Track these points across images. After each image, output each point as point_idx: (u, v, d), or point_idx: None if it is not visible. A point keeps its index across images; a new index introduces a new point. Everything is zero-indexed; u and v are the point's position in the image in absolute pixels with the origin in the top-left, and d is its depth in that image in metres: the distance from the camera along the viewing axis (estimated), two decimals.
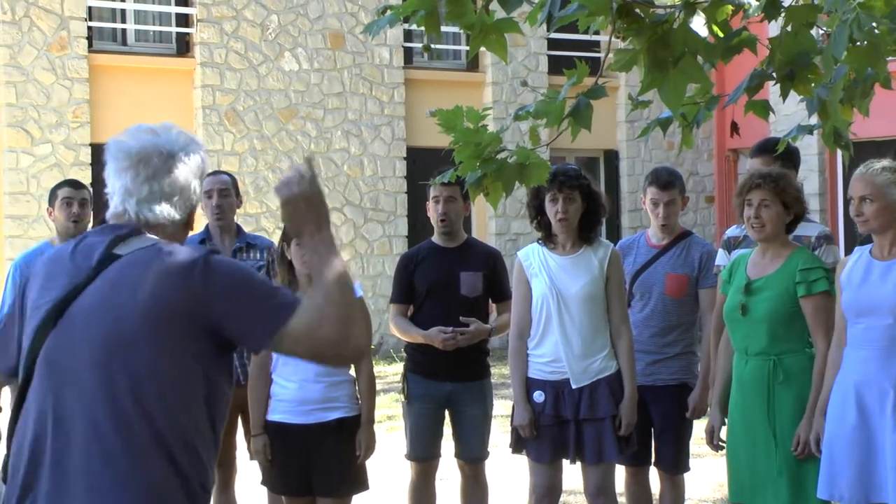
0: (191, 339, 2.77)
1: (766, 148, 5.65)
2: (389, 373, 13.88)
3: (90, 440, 2.74)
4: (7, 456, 2.92)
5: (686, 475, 6.14)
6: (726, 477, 5.32)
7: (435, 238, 6.17)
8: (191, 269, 2.78)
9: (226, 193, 6.27)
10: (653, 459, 6.00)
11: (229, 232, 6.30)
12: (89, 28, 14.75)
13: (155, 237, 2.90)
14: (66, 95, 14.41)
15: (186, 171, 2.96)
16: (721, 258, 5.79)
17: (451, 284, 6.01)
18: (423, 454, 6.09)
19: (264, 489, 5.56)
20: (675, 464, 5.95)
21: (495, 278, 6.11)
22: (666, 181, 5.98)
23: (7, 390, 3.52)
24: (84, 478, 2.74)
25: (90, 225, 6.31)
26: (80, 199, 6.26)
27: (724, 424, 5.36)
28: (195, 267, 2.78)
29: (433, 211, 6.08)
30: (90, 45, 14.73)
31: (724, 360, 5.35)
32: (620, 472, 6.00)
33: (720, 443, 5.41)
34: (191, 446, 2.80)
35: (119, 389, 2.74)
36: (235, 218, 6.47)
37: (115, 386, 2.74)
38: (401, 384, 6.20)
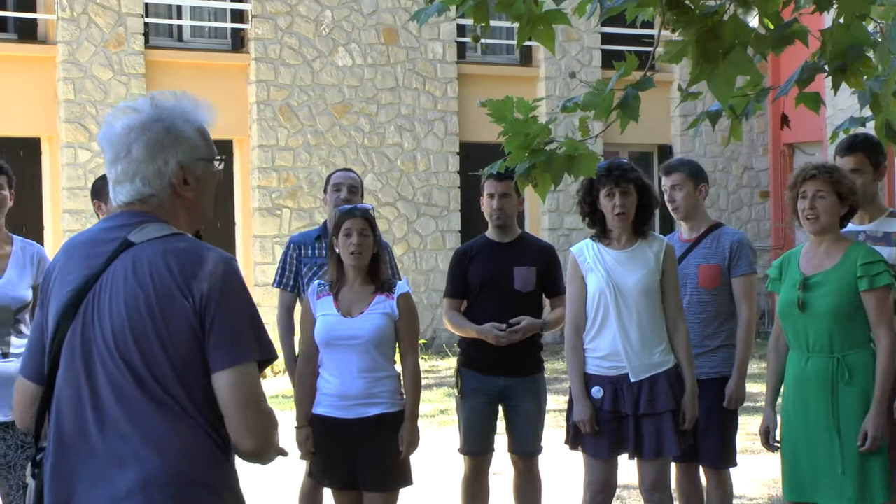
0: (189, 332, 2.81)
1: (852, 146, 5.53)
2: (442, 367, 13.91)
3: (125, 422, 2.79)
4: (37, 450, 2.96)
5: (735, 473, 6.11)
6: (781, 476, 5.27)
7: (489, 233, 6.18)
8: (198, 272, 2.83)
9: (355, 190, 6.30)
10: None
11: None
12: (146, 24, 14.89)
13: (168, 226, 2.93)
14: (123, 91, 14.57)
15: (145, 144, 2.93)
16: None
17: (504, 279, 6.02)
18: (477, 449, 6.10)
19: (301, 479, 5.60)
20: (722, 458, 5.90)
21: (549, 273, 6.10)
22: (668, 165, 5.99)
23: None
24: (123, 458, 2.78)
25: None
26: None
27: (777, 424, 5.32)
28: (204, 270, 2.83)
29: (487, 206, 6.09)
30: (147, 41, 14.88)
31: (776, 359, 5.31)
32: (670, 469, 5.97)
33: (775, 443, 5.35)
34: (213, 419, 2.85)
35: (143, 372, 2.79)
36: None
37: (139, 368, 2.79)
38: (454, 379, 6.22)
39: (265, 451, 2.87)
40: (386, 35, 16.06)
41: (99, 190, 6.39)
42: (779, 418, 5.29)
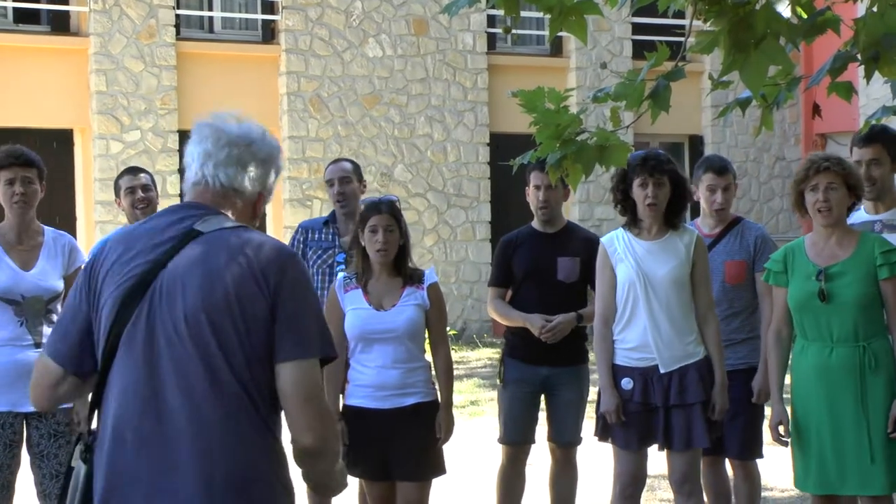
0: (263, 321, 2.84)
1: (871, 137, 5.54)
2: (472, 358, 13.91)
3: (187, 410, 2.80)
4: (89, 435, 2.96)
5: (763, 465, 6.08)
6: (793, 468, 5.24)
7: (535, 223, 6.18)
8: (272, 263, 2.87)
9: (347, 181, 6.31)
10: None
11: (353, 218, 6.32)
12: (177, 16, 14.96)
13: (231, 219, 2.97)
14: (154, 83, 14.64)
15: (265, 151, 3.05)
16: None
17: (548, 269, 6.02)
18: (516, 438, 6.09)
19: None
20: (748, 450, 5.87)
21: (593, 264, 6.09)
22: (721, 166, 5.97)
23: None
24: (182, 448, 2.79)
25: (158, 205, 6.40)
26: (141, 185, 6.34)
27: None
28: (276, 263, 2.87)
29: (533, 197, 6.09)
30: (178, 32, 14.94)
31: (779, 352, 5.30)
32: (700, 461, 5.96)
33: (786, 437, 5.35)
34: (275, 415, 2.89)
35: (217, 360, 2.80)
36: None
37: (213, 356, 2.81)
38: (498, 368, 6.24)
39: (322, 450, 2.90)
40: (416, 26, 16.06)
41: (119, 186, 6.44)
42: (788, 411, 5.28)
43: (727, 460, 5.99)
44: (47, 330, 5.30)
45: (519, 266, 6.08)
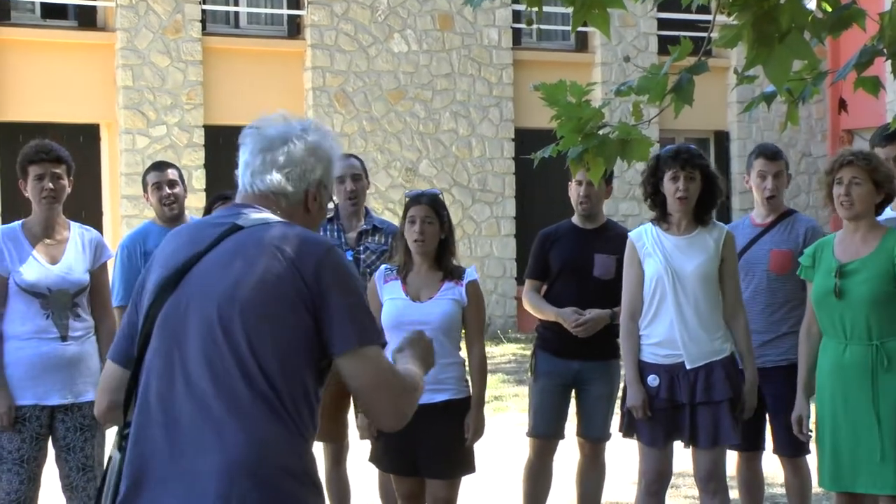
0: (298, 314, 2.84)
1: (892, 136, 5.53)
2: (496, 354, 13.91)
3: (214, 397, 2.80)
4: (126, 423, 2.97)
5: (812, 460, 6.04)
6: (818, 465, 5.23)
7: (574, 218, 6.19)
8: (311, 255, 2.87)
9: (358, 178, 6.30)
10: (770, 445, 5.91)
11: (358, 215, 6.33)
12: (203, 11, 15.00)
13: (276, 217, 2.98)
14: (180, 78, 14.69)
15: (302, 148, 3.04)
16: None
17: (584, 265, 6.02)
18: (545, 431, 6.08)
19: (374, 467, 5.61)
20: (795, 446, 5.83)
21: None
22: (772, 152, 5.94)
23: None
24: (207, 433, 2.80)
25: (185, 199, 6.42)
26: (167, 181, 6.37)
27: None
28: (315, 256, 2.87)
29: (574, 192, 6.10)
30: (204, 28, 14.99)
31: (809, 347, 5.27)
32: (732, 457, 5.94)
33: (808, 432, 5.33)
34: (302, 408, 2.87)
35: (244, 350, 2.81)
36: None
37: (241, 346, 2.81)
38: (530, 361, 6.23)
39: (403, 424, 2.97)
40: (441, 21, 16.06)
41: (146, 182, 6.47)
42: (812, 407, 5.25)
43: (777, 458, 5.96)
44: (74, 324, 5.35)
45: (556, 260, 6.08)
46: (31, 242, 5.37)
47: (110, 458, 3.00)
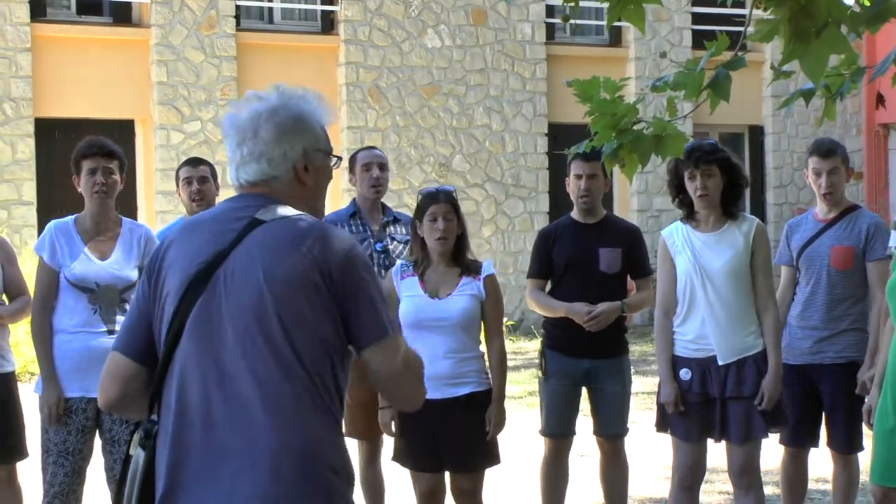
0: (327, 311, 2.86)
1: None
2: (530, 349, 13.89)
3: (253, 396, 2.81)
4: (149, 421, 2.98)
5: (863, 457, 6.00)
6: (871, 459, 5.17)
7: (574, 214, 6.16)
8: (335, 252, 2.89)
9: (384, 167, 6.40)
10: (825, 440, 5.87)
11: (378, 207, 6.38)
12: (237, 7, 15.05)
13: (295, 211, 2.99)
14: (214, 73, 14.74)
15: (273, 131, 3.02)
16: (893, 239, 5.65)
17: (589, 260, 6.00)
18: (558, 430, 6.09)
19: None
20: (848, 443, 5.78)
21: (634, 255, 6.07)
22: (827, 149, 5.87)
23: None
24: (247, 433, 2.81)
25: (218, 198, 6.44)
26: (198, 177, 6.40)
27: None
28: (339, 252, 2.90)
29: (574, 187, 6.08)
30: (238, 23, 15.04)
31: (889, 339, 5.21)
32: (777, 452, 5.89)
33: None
34: (336, 402, 2.91)
35: (281, 345, 2.82)
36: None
37: (277, 342, 2.82)
38: (538, 360, 6.22)
39: (420, 402, 3.13)
40: (475, 16, 16.05)
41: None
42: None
43: (829, 452, 5.91)
44: (121, 319, 5.39)
45: (560, 257, 6.06)
46: (82, 238, 5.45)
47: (129, 456, 3.00)
